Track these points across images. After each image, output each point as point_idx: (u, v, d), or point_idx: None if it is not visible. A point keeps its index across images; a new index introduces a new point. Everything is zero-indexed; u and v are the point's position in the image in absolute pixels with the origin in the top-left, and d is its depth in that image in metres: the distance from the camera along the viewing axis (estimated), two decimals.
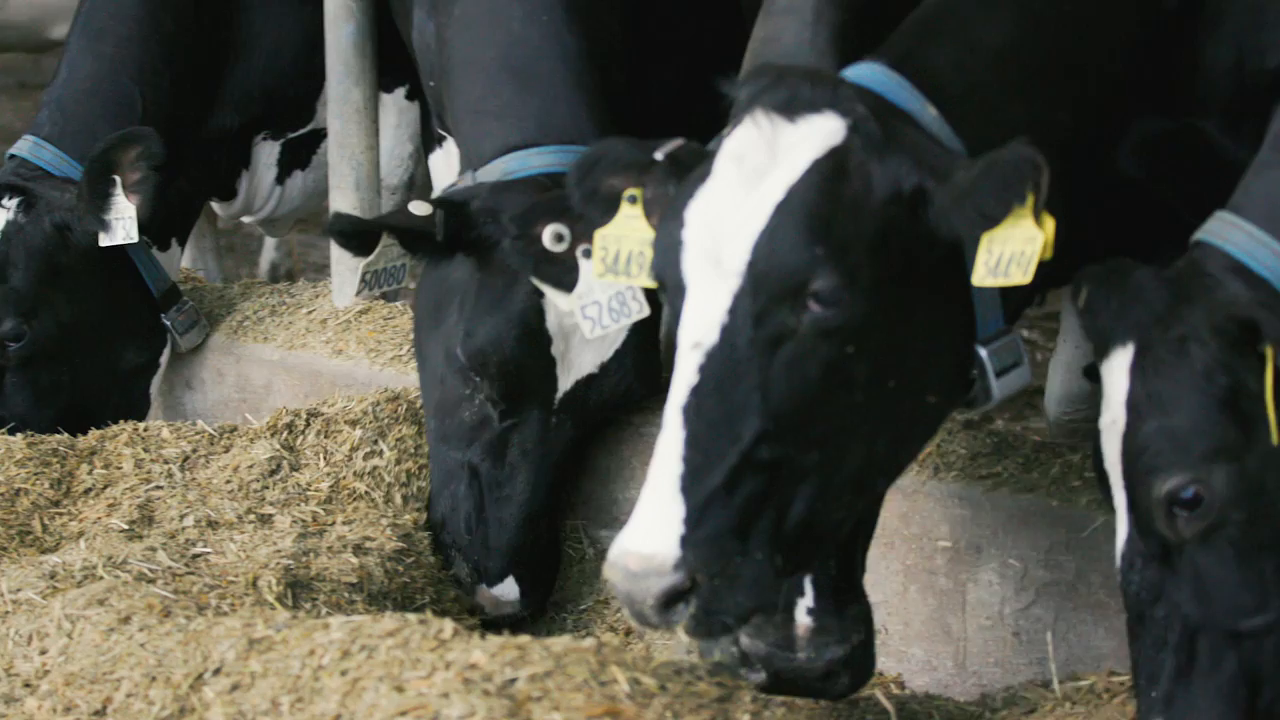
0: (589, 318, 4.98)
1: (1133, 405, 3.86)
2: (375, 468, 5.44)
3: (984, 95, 4.22)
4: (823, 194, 3.89)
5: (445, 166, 6.58)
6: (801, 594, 4.32)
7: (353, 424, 5.56)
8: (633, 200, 4.32)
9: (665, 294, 4.06)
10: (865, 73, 4.13)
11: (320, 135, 7.18)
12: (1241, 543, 3.84)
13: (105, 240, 6.18)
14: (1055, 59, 4.36)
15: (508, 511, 5.32)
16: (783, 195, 3.89)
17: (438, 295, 5.35)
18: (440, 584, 5.25)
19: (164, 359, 6.56)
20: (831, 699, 4.42)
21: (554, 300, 5.10)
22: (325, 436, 5.55)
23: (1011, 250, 3.85)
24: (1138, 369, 3.86)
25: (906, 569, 4.95)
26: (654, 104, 5.86)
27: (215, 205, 7.32)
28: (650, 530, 3.81)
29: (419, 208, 5.23)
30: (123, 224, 6.14)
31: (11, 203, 6.19)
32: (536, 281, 5.10)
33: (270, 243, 10.56)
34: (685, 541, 3.78)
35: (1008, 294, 4.11)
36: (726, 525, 3.82)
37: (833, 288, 3.85)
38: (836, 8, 4.52)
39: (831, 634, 4.33)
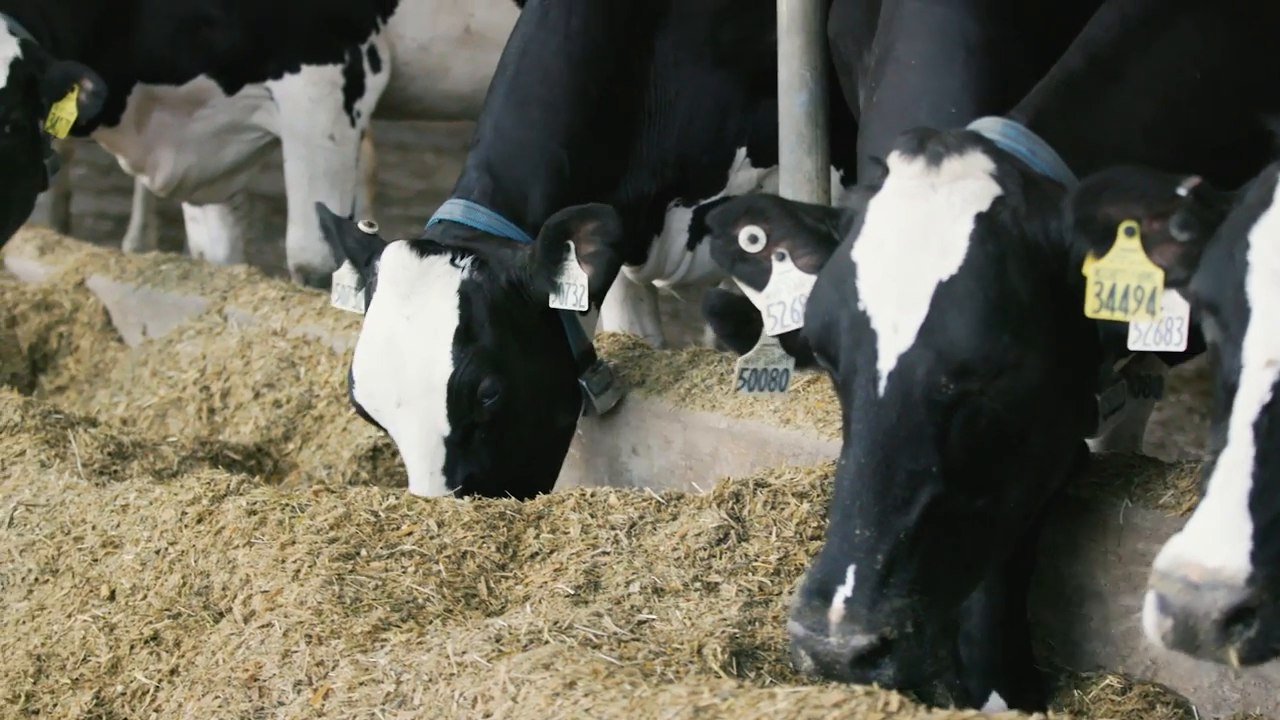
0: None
1: None
2: None
3: None
4: None
5: None
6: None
7: (800, 496, 5.47)
8: (1130, 232, 4.25)
9: (1214, 316, 4.00)
10: None
11: None
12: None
13: (554, 302, 6.23)
14: None
15: (970, 625, 5.16)
16: None
17: None
18: None
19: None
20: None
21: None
22: (772, 508, 5.47)
23: None
24: None
25: None
26: None
27: (626, 269, 7.35)
28: (1217, 542, 3.76)
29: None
30: (573, 290, 6.19)
31: (465, 262, 6.23)
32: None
33: None
34: (1255, 558, 3.73)
35: None
36: None
37: None
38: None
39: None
